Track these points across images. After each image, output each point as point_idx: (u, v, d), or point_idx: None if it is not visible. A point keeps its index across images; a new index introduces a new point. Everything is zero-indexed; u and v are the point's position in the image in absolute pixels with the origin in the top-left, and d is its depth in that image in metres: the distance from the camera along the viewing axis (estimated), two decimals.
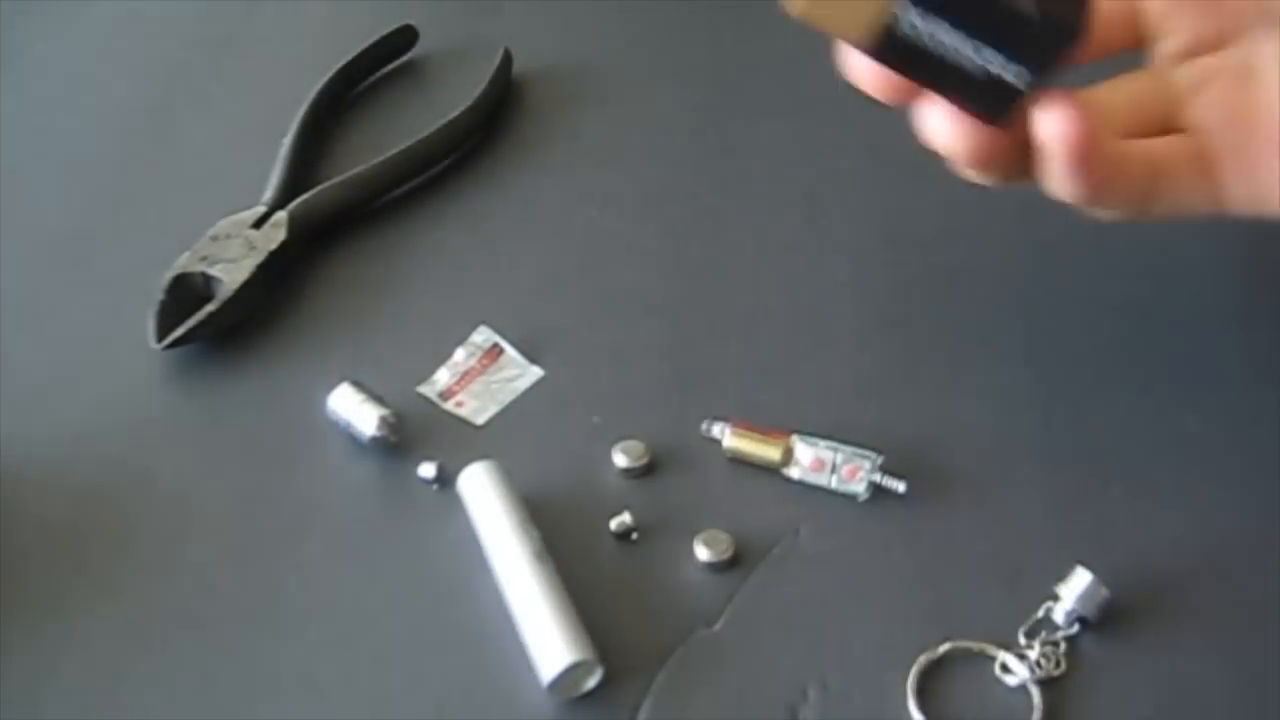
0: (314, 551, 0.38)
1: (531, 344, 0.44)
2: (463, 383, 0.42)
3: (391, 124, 0.53)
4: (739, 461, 0.39)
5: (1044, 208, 0.36)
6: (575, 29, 0.58)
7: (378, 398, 0.40)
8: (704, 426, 0.39)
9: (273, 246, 0.46)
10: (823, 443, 0.39)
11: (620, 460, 0.39)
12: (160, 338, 0.43)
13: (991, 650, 0.35)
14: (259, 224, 0.47)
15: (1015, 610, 0.36)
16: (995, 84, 0.33)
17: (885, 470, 0.38)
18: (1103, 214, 0.36)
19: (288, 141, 0.50)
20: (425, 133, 0.50)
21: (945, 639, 0.35)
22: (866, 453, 0.39)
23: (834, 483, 0.38)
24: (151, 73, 0.56)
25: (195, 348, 0.43)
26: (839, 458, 0.38)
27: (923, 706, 0.34)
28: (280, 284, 0.46)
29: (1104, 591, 0.35)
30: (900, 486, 0.38)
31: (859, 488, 0.38)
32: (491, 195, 0.50)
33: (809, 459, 0.38)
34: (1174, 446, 0.41)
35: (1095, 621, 0.35)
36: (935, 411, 0.41)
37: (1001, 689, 0.34)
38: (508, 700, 0.34)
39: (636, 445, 0.39)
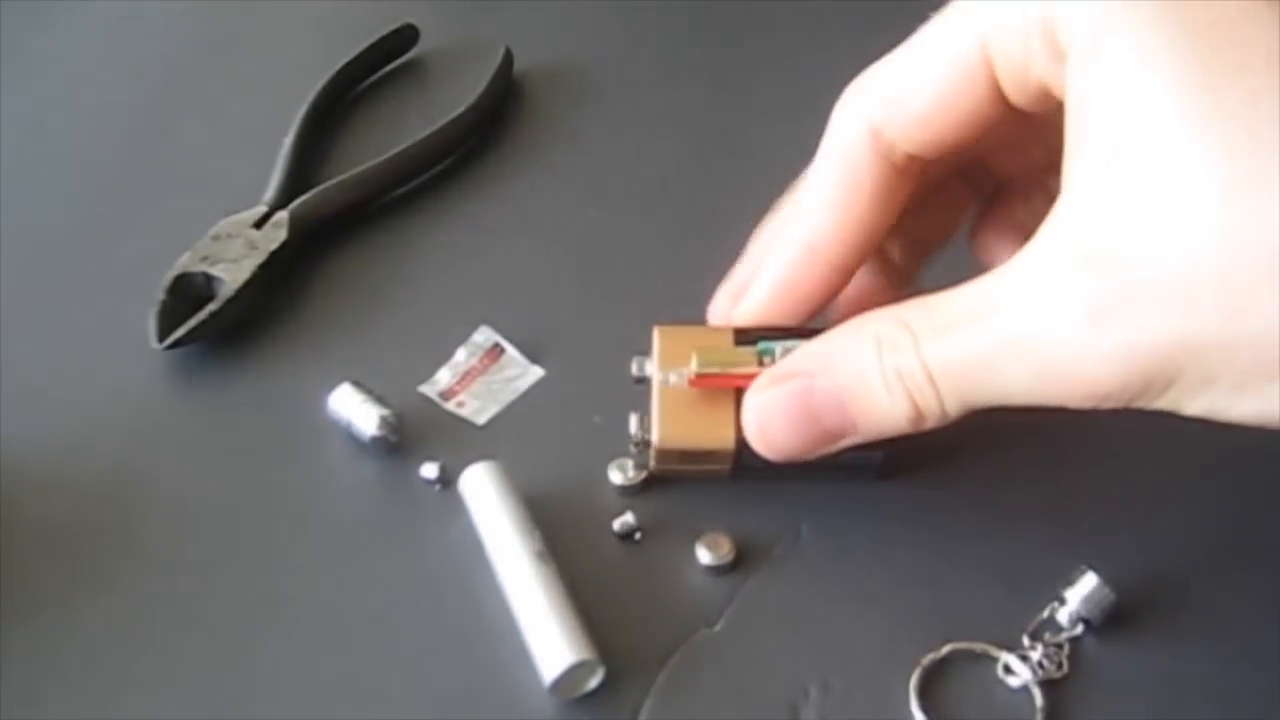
0: (315, 551, 0.38)
1: (532, 344, 0.43)
2: (464, 382, 0.42)
3: (393, 123, 0.53)
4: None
5: None
6: (576, 28, 0.58)
7: (379, 398, 0.40)
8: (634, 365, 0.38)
9: (274, 246, 0.46)
10: None
11: (616, 477, 0.39)
12: (161, 338, 0.43)
13: (994, 651, 0.35)
14: (260, 224, 0.47)
15: (1017, 611, 0.36)
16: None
17: None
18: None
19: (289, 141, 0.50)
20: (426, 132, 0.50)
21: (947, 640, 0.35)
22: None
23: None
24: (152, 72, 0.56)
25: (196, 348, 0.43)
26: None
27: (925, 707, 0.34)
28: (281, 284, 0.46)
29: (1110, 595, 0.35)
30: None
31: None
32: (492, 195, 0.50)
33: None
34: (1176, 445, 0.41)
35: (1099, 624, 0.35)
36: None
37: (1004, 690, 0.34)
38: (509, 701, 0.34)
39: (631, 463, 0.39)
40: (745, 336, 0.37)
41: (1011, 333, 0.29)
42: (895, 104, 0.33)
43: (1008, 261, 0.30)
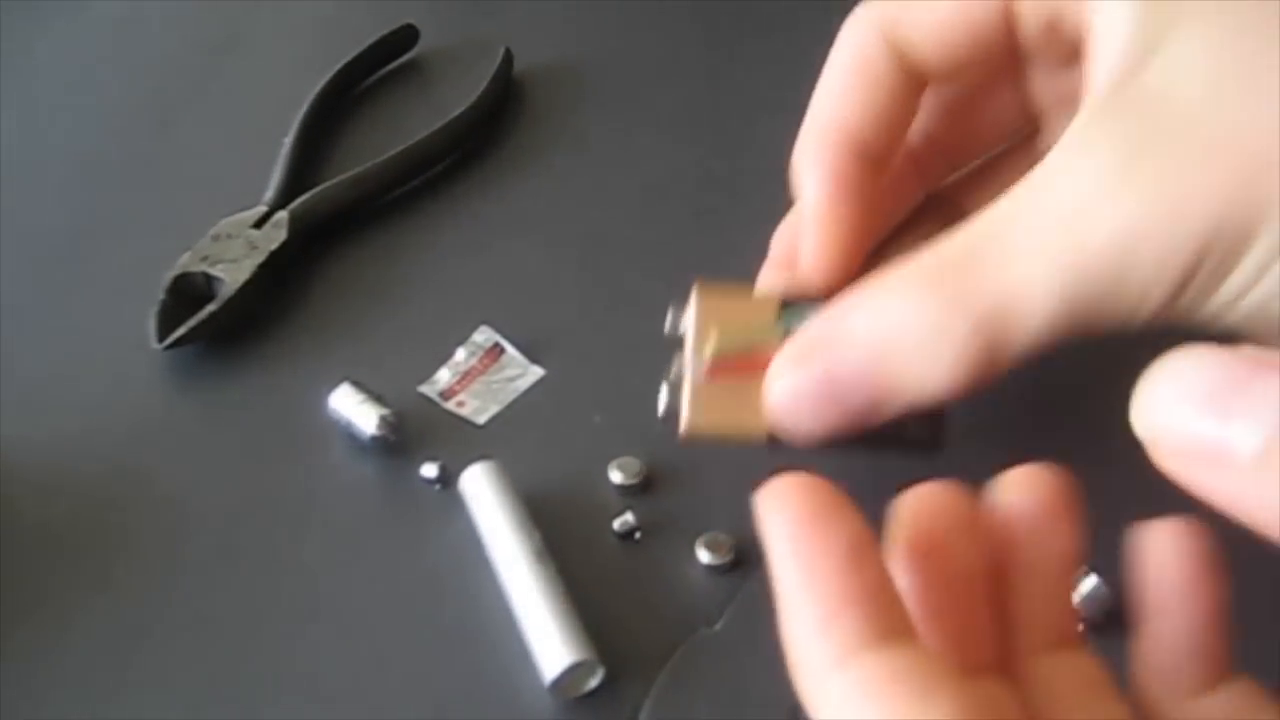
0: (315, 551, 0.38)
1: (532, 343, 0.43)
2: (464, 382, 0.42)
3: (392, 123, 0.53)
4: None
5: None
6: (576, 28, 0.58)
7: (378, 397, 0.40)
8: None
9: (274, 246, 0.46)
10: None
11: (616, 477, 0.39)
12: (161, 337, 0.43)
13: None
14: (260, 224, 0.47)
15: None
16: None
17: None
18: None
19: (289, 141, 0.50)
20: (426, 132, 0.50)
21: None
22: None
23: None
24: (152, 73, 0.56)
25: (196, 347, 0.43)
26: None
27: None
28: (281, 284, 0.46)
29: (1110, 595, 0.35)
30: None
31: None
32: (492, 195, 0.50)
33: None
34: None
35: (1099, 624, 0.35)
36: None
37: None
38: (509, 700, 0.34)
39: (632, 462, 0.39)
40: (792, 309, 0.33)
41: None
42: (908, 7, 0.33)
43: (1033, 173, 0.28)
